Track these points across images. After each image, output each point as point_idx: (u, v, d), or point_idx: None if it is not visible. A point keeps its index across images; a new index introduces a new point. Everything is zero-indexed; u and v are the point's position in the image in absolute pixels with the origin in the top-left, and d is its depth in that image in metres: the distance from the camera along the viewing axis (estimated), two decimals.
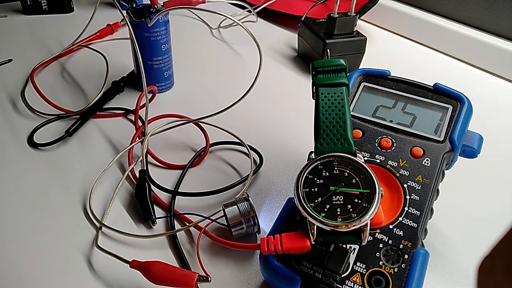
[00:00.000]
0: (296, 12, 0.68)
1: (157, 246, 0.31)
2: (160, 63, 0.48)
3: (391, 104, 0.32)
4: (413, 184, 0.28)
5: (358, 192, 0.24)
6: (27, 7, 0.70)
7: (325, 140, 0.26)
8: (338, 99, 0.27)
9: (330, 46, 0.52)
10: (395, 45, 0.66)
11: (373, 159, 0.29)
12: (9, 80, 0.52)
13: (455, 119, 0.30)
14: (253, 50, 0.44)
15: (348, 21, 0.52)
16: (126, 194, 0.36)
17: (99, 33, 0.62)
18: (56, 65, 0.56)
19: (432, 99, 0.31)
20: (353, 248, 0.25)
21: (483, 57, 0.59)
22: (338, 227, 0.23)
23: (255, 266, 0.30)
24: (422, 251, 0.25)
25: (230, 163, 0.40)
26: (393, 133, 0.30)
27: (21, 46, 0.61)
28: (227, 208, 0.31)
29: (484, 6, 0.60)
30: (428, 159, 0.28)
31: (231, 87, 0.52)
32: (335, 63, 0.28)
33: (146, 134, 0.41)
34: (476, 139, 0.30)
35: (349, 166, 0.25)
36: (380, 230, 0.26)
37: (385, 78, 0.33)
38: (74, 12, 0.73)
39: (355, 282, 0.24)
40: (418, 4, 0.68)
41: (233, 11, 0.74)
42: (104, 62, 0.56)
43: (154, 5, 0.45)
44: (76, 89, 0.51)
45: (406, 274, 0.24)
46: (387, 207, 0.27)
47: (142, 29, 0.45)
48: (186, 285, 0.26)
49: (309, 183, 0.25)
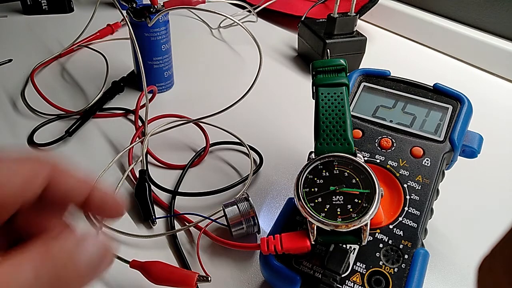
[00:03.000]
0: (296, 12, 0.68)
1: (157, 246, 0.31)
2: (160, 63, 0.48)
3: (391, 104, 0.32)
4: (413, 184, 0.28)
5: (358, 192, 0.24)
6: (27, 7, 0.70)
7: (325, 140, 0.26)
8: (338, 99, 0.27)
9: (330, 46, 0.52)
10: (395, 45, 0.66)
11: (373, 159, 0.29)
12: (9, 80, 0.52)
13: (455, 119, 0.30)
14: (253, 50, 0.44)
15: (348, 21, 0.52)
16: (126, 194, 0.36)
17: (99, 33, 0.62)
18: (56, 65, 0.56)
19: (432, 99, 0.31)
20: (353, 248, 0.25)
21: (483, 57, 0.59)
22: (338, 227, 0.23)
23: (255, 266, 0.30)
24: (422, 251, 0.25)
25: (230, 163, 0.40)
26: (393, 133, 0.30)
27: (21, 46, 0.61)
28: (227, 208, 0.31)
29: (484, 6, 0.60)
30: (428, 159, 0.28)
31: (231, 87, 0.52)
32: (335, 63, 0.28)
33: (146, 134, 0.41)
34: (476, 139, 0.30)
35: (349, 166, 0.25)
36: (380, 230, 0.26)
37: (385, 78, 0.33)
38: (74, 12, 0.73)
39: (355, 282, 0.24)
40: (418, 4, 0.68)
41: (233, 11, 0.74)
42: (104, 62, 0.56)
43: (154, 5, 0.45)
44: (76, 89, 0.51)
45: (406, 274, 0.24)
46: (387, 207, 0.27)
47: (142, 29, 0.45)
48: (186, 285, 0.26)
49: (309, 183, 0.25)
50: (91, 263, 0.16)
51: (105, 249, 0.16)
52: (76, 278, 0.15)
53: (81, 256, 0.16)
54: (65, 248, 0.15)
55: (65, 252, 0.15)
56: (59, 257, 0.15)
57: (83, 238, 0.16)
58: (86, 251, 0.16)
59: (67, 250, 0.15)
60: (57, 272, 0.15)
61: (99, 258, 0.16)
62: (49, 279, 0.14)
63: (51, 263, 0.15)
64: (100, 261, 0.16)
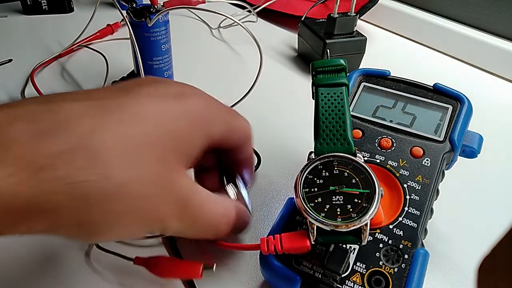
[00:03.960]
0: (296, 12, 0.68)
1: (156, 246, 0.31)
2: (160, 63, 0.48)
3: (391, 104, 0.32)
4: (413, 184, 0.28)
5: (358, 192, 0.24)
6: (27, 7, 0.70)
7: (325, 140, 0.26)
8: (338, 99, 0.27)
9: (330, 46, 0.52)
10: (395, 45, 0.66)
11: (373, 159, 0.29)
12: (9, 80, 0.52)
13: (455, 119, 0.30)
14: (253, 50, 0.44)
15: (348, 21, 0.52)
16: None
17: (99, 33, 0.62)
18: (56, 65, 0.56)
19: (432, 99, 0.31)
20: (353, 248, 0.25)
21: (483, 57, 0.59)
22: (338, 227, 0.23)
23: (255, 266, 0.30)
24: (422, 251, 0.25)
25: None
26: (393, 133, 0.30)
27: (21, 46, 0.61)
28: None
29: (484, 6, 0.60)
30: (428, 159, 0.28)
31: (231, 87, 0.52)
32: (335, 63, 0.28)
33: None
34: (476, 139, 0.30)
35: (349, 166, 0.25)
36: (380, 230, 0.26)
37: (385, 78, 0.33)
38: (74, 12, 0.73)
39: (355, 282, 0.24)
40: (418, 4, 0.68)
41: (233, 11, 0.74)
42: (104, 62, 0.55)
43: (154, 5, 0.45)
44: (76, 89, 0.51)
45: (406, 274, 0.24)
46: (387, 207, 0.27)
47: (142, 29, 0.45)
48: (192, 274, 0.26)
49: (309, 183, 0.25)
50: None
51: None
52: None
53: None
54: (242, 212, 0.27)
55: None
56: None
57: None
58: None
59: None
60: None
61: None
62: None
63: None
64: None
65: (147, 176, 0.20)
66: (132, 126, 0.20)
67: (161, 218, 0.21)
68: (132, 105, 0.21)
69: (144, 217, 0.20)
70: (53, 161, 0.17)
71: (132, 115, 0.20)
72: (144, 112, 0.21)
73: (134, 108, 0.21)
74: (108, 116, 0.20)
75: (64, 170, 0.17)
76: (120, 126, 0.20)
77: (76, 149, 0.18)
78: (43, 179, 0.17)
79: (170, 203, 0.21)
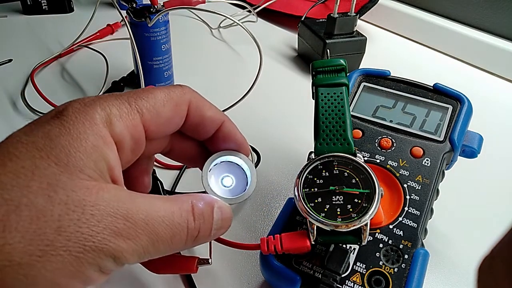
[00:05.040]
0: (296, 12, 0.68)
1: None
2: (160, 63, 0.48)
3: (391, 104, 0.32)
4: (413, 184, 0.28)
5: (358, 192, 0.24)
6: (27, 7, 0.70)
7: (325, 140, 0.26)
8: (338, 99, 0.27)
9: (330, 46, 0.52)
10: (395, 45, 0.66)
11: (373, 159, 0.29)
12: (9, 80, 0.52)
13: (455, 119, 0.30)
14: (253, 50, 0.44)
15: (348, 21, 0.52)
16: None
17: (99, 33, 0.62)
18: (56, 65, 0.56)
19: (432, 99, 0.31)
20: (353, 248, 0.25)
21: (483, 57, 0.59)
22: (338, 227, 0.23)
23: (255, 266, 0.30)
24: (422, 251, 0.25)
25: None
26: (393, 133, 0.30)
27: (21, 46, 0.61)
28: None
29: (484, 6, 0.60)
30: (428, 159, 0.28)
31: (231, 87, 0.52)
32: (335, 63, 0.28)
33: None
34: (476, 139, 0.30)
35: (349, 166, 0.25)
36: (380, 230, 0.26)
37: (385, 78, 0.33)
38: (74, 12, 0.73)
39: (355, 282, 0.24)
40: (418, 4, 0.68)
41: (233, 11, 0.74)
42: (104, 62, 0.55)
43: (154, 5, 0.45)
44: (76, 89, 0.51)
45: (406, 274, 0.24)
46: (387, 207, 0.27)
47: (142, 29, 0.45)
48: (187, 269, 0.26)
49: (309, 183, 0.25)
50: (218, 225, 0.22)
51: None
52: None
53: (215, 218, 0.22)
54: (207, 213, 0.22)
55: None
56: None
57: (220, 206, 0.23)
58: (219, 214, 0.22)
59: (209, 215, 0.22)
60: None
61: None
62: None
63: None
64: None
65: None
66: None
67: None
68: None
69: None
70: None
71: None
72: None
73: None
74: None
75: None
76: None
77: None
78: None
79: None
